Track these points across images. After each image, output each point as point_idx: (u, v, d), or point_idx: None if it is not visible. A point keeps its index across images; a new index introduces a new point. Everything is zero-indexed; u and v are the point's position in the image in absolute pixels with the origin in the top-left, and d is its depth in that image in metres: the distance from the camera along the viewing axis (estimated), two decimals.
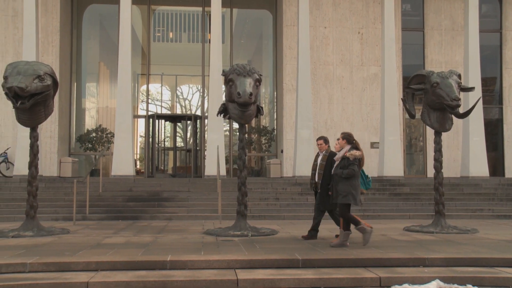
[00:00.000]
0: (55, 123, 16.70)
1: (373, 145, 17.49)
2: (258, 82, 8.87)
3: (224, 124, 17.97)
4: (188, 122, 20.12)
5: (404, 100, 10.66)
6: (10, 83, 8.28)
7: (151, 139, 18.74)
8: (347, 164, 7.44)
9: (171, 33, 21.91)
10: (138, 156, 23.48)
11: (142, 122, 20.65)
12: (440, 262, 6.49)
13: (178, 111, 23.96)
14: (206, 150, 16.56)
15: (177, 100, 24.17)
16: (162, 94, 22.96)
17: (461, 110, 10.36)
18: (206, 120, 18.44)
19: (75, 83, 18.96)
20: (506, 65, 18.64)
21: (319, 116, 17.50)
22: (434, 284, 5.50)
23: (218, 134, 15.44)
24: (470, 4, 16.82)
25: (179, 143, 24.35)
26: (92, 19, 20.02)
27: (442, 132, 10.16)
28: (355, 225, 7.50)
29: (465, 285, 5.57)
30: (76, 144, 18.60)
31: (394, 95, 16.39)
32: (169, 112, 23.41)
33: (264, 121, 20.38)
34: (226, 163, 18.26)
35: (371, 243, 7.86)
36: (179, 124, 22.36)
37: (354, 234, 8.10)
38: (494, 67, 18.99)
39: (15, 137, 15.85)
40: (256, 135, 19.74)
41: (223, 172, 15.06)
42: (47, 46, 16.93)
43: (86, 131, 18.73)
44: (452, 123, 10.19)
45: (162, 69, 21.18)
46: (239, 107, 8.71)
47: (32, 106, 8.62)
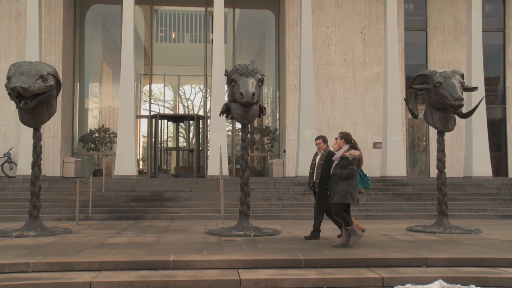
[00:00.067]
0: (58, 123, 16.73)
1: (375, 145, 17.47)
2: (260, 82, 8.88)
3: (227, 124, 18.00)
4: (191, 122, 20.14)
5: (407, 100, 10.64)
6: (13, 84, 8.30)
7: (153, 139, 18.75)
8: (346, 164, 7.42)
9: (173, 33, 21.95)
10: (141, 156, 23.50)
11: (144, 122, 20.67)
12: (443, 262, 6.47)
13: (181, 111, 23.99)
14: (208, 150, 16.56)
15: (179, 100, 24.20)
16: (164, 94, 23.01)
17: (464, 110, 10.34)
18: (209, 120, 18.44)
19: (78, 83, 19.00)
20: (510, 64, 18.58)
21: (321, 116, 17.49)
22: (437, 284, 5.49)
23: (220, 134, 15.44)
24: (473, 3, 16.78)
25: (182, 143, 24.40)
26: (95, 19, 20.05)
27: (445, 132, 10.13)
28: (346, 225, 7.48)
29: (468, 285, 5.56)
30: (79, 144, 18.64)
31: (397, 95, 16.36)
32: (171, 112, 23.45)
33: (267, 121, 20.38)
34: (229, 163, 18.25)
35: (373, 243, 7.85)
36: (181, 124, 22.39)
37: None
38: (497, 66, 18.94)
39: (18, 137, 15.90)
40: (258, 135, 19.74)
41: (225, 172, 15.06)
42: (50, 46, 16.97)
43: (89, 131, 18.76)
44: (455, 123, 10.16)
45: (165, 69, 21.21)
46: (241, 107, 8.71)
47: (35, 106, 8.65)
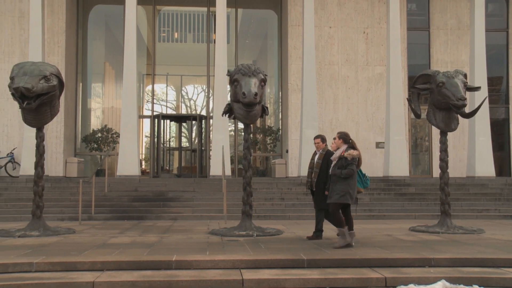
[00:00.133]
0: (61, 123, 16.77)
1: (378, 145, 17.45)
2: (263, 82, 8.87)
3: (229, 124, 17.99)
4: (193, 122, 20.16)
5: (409, 100, 10.62)
6: (16, 84, 8.32)
7: (156, 139, 18.77)
8: (345, 164, 7.36)
9: (176, 33, 21.96)
10: (144, 156, 23.54)
11: (147, 122, 20.70)
12: (446, 262, 6.46)
13: (183, 111, 24.03)
14: (211, 150, 16.58)
15: (182, 100, 24.24)
16: (167, 94, 23.03)
17: (467, 110, 10.31)
18: (211, 120, 18.47)
19: (81, 84, 19.03)
20: None
21: (324, 116, 17.47)
22: (440, 285, 5.48)
23: (223, 134, 15.45)
24: (476, 3, 16.74)
25: (184, 143, 24.40)
26: (97, 19, 20.09)
27: (448, 132, 10.11)
28: (338, 226, 7.44)
29: (471, 285, 5.54)
30: (81, 144, 18.67)
31: (400, 95, 16.33)
32: (174, 112, 23.47)
33: (269, 121, 20.38)
34: (231, 163, 18.26)
35: (376, 243, 7.85)
36: (184, 124, 22.42)
37: (358, 234, 8.09)
38: (500, 66, 18.88)
39: (21, 137, 15.94)
40: (261, 135, 19.74)
41: (228, 172, 15.06)
42: (53, 46, 17.01)
43: (91, 131, 18.79)
44: (458, 123, 10.14)
45: (167, 69, 21.23)
46: (244, 107, 8.70)
47: (38, 106, 8.66)
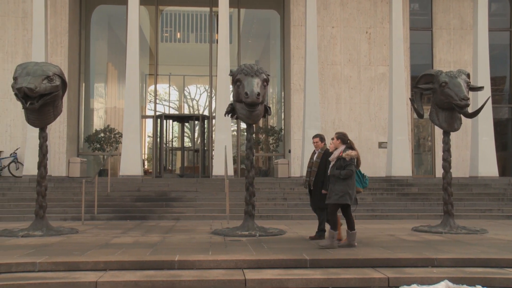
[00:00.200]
0: (64, 123, 16.80)
1: (381, 145, 17.42)
2: (265, 82, 8.88)
3: (232, 124, 17.99)
4: (196, 122, 20.16)
5: (412, 100, 10.60)
6: (19, 84, 8.36)
7: (159, 139, 18.79)
8: (344, 165, 7.32)
9: (178, 33, 21.99)
10: (146, 156, 23.56)
11: (150, 122, 20.71)
12: (449, 262, 6.45)
13: (186, 111, 24.04)
14: (213, 150, 16.58)
15: (184, 100, 24.25)
16: (170, 94, 23.04)
17: (470, 110, 10.30)
18: (214, 120, 18.45)
19: (84, 84, 19.07)
20: None
21: (326, 116, 17.46)
22: (443, 285, 5.47)
23: (225, 134, 15.46)
24: (479, 3, 16.70)
25: (187, 143, 24.41)
26: (100, 20, 20.12)
27: (451, 132, 10.09)
28: (332, 228, 7.42)
29: (474, 286, 5.53)
30: (84, 144, 18.71)
31: (402, 95, 16.30)
32: (176, 112, 23.50)
33: (272, 121, 20.38)
34: (234, 163, 18.27)
35: (379, 243, 7.84)
36: (186, 124, 22.41)
37: (360, 234, 8.08)
38: (503, 66, 18.84)
39: (24, 137, 15.98)
40: (263, 135, 19.74)
41: (230, 172, 15.07)
42: (56, 47, 17.05)
43: (94, 131, 18.83)
44: (461, 123, 10.12)
45: (170, 69, 21.25)
46: (246, 107, 8.71)
47: (41, 106, 8.69)
